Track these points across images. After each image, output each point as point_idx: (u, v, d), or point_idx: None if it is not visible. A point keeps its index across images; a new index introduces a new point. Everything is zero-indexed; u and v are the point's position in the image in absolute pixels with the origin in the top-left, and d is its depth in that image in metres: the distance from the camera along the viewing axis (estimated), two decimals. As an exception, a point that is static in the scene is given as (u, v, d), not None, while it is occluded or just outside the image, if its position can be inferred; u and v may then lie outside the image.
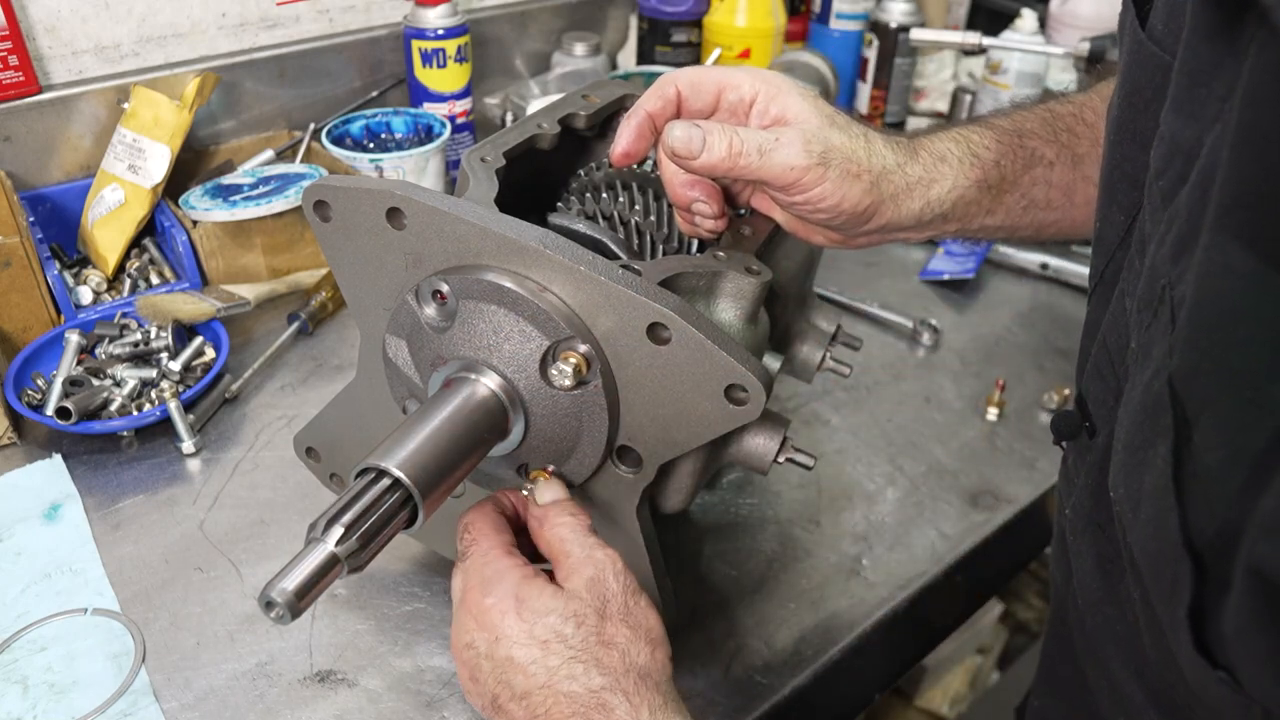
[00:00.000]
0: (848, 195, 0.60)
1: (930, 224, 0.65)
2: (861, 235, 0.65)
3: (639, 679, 0.51)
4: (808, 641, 0.74)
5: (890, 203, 0.62)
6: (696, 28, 1.48)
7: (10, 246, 0.91)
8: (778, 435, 0.64)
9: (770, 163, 0.59)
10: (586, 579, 0.54)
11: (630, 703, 0.50)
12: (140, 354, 0.94)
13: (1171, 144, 0.44)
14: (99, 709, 0.66)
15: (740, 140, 0.58)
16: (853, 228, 0.64)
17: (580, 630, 0.52)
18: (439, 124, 1.22)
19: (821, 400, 0.99)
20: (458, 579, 0.57)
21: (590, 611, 0.53)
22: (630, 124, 0.63)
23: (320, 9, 1.28)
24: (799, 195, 0.60)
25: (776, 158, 0.59)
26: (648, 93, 0.64)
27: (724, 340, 0.54)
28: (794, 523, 0.84)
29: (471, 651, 0.54)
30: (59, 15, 1.09)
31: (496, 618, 0.53)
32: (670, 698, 0.52)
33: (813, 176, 0.59)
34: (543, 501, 0.59)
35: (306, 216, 0.62)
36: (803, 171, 0.59)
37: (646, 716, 0.50)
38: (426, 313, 0.60)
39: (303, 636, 0.72)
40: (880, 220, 0.63)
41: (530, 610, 0.53)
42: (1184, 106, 0.43)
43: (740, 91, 0.63)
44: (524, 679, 0.51)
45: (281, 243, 1.08)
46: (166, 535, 0.80)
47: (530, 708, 0.51)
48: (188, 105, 1.06)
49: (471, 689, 0.55)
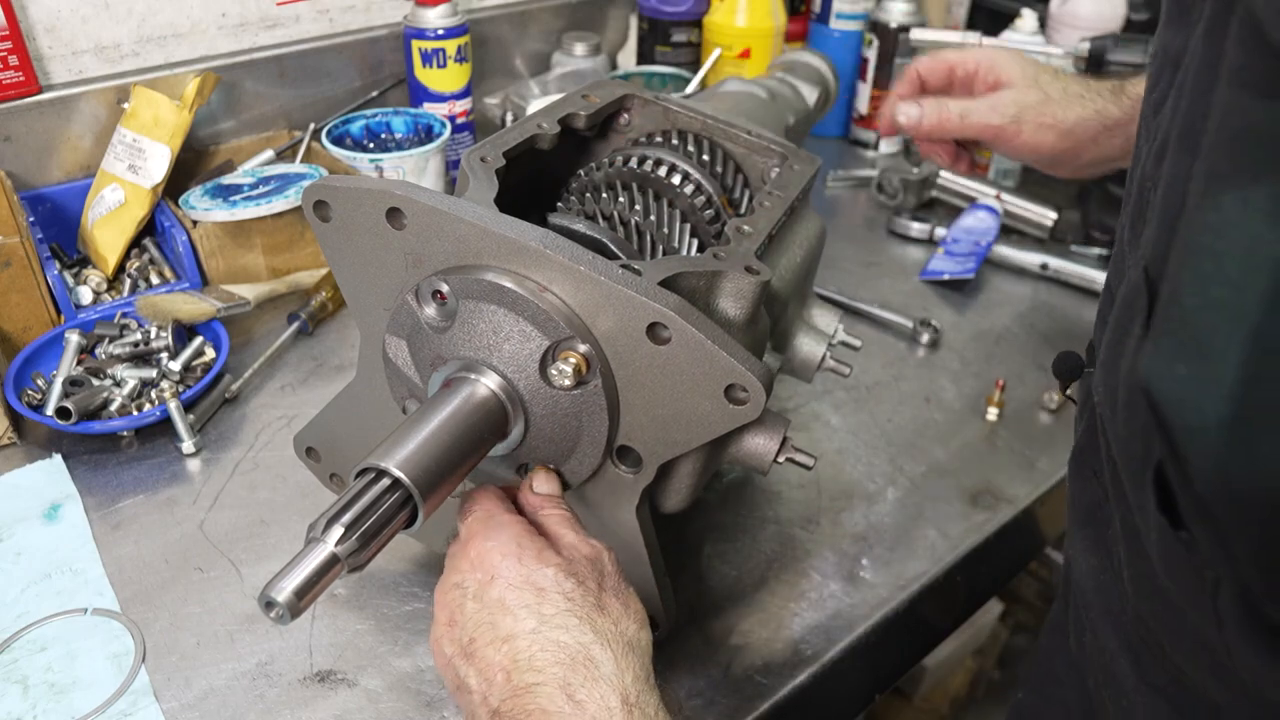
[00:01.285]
0: (1042, 144, 0.83)
1: None
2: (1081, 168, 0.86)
3: (628, 647, 0.52)
4: (808, 641, 0.74)
5: (1091, 144, 0.82)
6: (696, 28, 1.48)
7: (10, 246, 0.92)
8: (778, 435, 0.64)
9: (969, 123, 0.85)
10: (585, 555, 0.56)
11: (618, 665, 0.50)
12: (140, 354, 0.94)
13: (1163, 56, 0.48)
14: (99, 709, 0.66)
15: (948, 110, 0.86)
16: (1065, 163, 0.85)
17: (580, 589, 0.53)
18: (439, 124, 1.22)
19: (821, 400, 0.99)
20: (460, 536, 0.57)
21: (589, 577, 0.54)
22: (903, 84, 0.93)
23: (320, 9, 1.28)
24: (1004, 145, 0.85)
25: (973, 119, 0.85)
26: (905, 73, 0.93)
27: (724, 340, 0.54)
28: (794, 523, 0.84)
29: (459, 591, 0.54)
30: (59, 15, 1.09)
31: (497, 559, 0.53)
32: (650, 677, 0.52)
33: (1010, 131, 0.83)
34: (539, 492, 0.60)
35: (306, 216, 0.62)
36: (998, 130, 0.84)
37: (630, 681, 0.50)
38: (426, 313, 0.60)
39: (303, 636, 0.72)
40: (1088, 157, 0.83)
41: (532, 558, 0.53)
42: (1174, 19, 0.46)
43: (966, 67, 0.89)
44: (512, 622, 0.51)
45: (281, 243, 1.08)
46: (166, 535, 0.80)
47: (512, 652, 0.50)
48: (188, 105, 1.06)
49: (444, 635, 0.54)
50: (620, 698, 0.49)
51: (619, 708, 0.48)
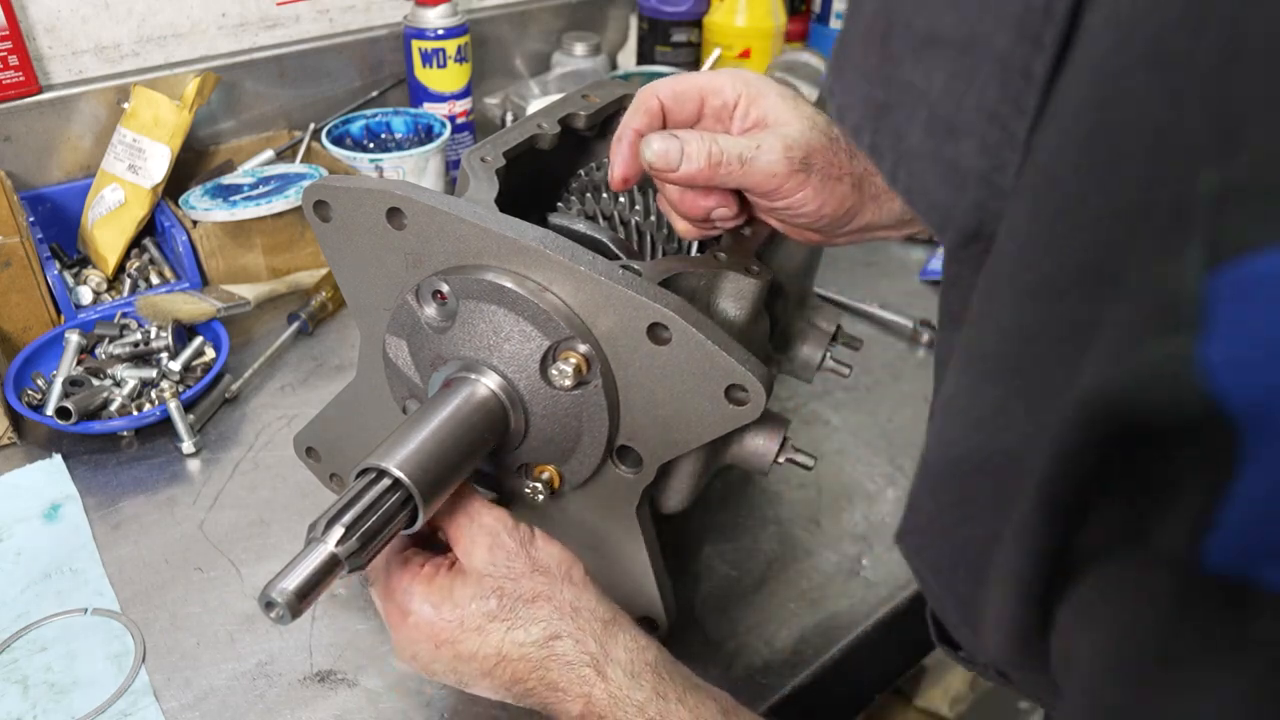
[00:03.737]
0: (829, 199, 0.59)
1: (910, 222, 0.65)
2: (842, 235, 0.64)
3: (573, 614, 0.55)
4: (808, 641, 0.74)
5: (872, 203, 0.61)
6: (696, 28, 1.48)
7: (10, 246, 0.91)
8: (778, 435, 0.64)
9: (752, 170, 0.58)
10: (485, 550, 0.56)
11: (575, 639, 0.54)
12: (140, 354, 0.94)
13: None
14: (99, 709, 0.66)
15: (720, 149, 0.57)
16: (834, 229, 0.62)
17: (503, 601, 0.55)
18: (439, 124, 1.22)
19: (821, 400, 0.98)
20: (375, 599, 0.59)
21: (503, 579, 0.55)
22: (621, 147, 0.62)
23: (320, 9, 1.28)
24: (781, 201, 0.59)
25: (758, 165, 0.57)
26: (630, 110, 0.63)
27: (724, 340, 0.54)
28: (794, 523, 0.84)
29: (418, 661, 0.57)
30: (59, 15, 1.09)
31: (425, 630, 0.55)
32: (607, 618, 0.55)
33: (795, 183, 0.58)
34: None
35: (306, 216, 0.62)
36: (785, 178, 0.58)
37: (593, 645, 0.53)
38: (426, 313, 0.60)
39: (303, 636, 0.72)
40: (862, 220, 0.62)
41: (450, 607, 0.55)
42: None
43: (723, 96, 0.62)
44: (478, 664, 0.55)
45: (281, 243, 1.08)
46: (166, 535, 0.80)
47: (498, 680, 0.55)
48: (188, 105, 1.06)
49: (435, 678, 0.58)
50: (592, 667, 0.53)
51: (593, 677, 0.53)
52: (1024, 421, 0.28)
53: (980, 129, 0.30)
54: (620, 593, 0.68)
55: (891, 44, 0.32)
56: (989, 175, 0.31)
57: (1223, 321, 0.22)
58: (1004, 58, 0.29)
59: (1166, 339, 0.23)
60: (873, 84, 0.34)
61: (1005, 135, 0.30)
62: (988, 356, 0.30)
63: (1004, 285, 0.30)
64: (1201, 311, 0.22)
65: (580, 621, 0.54)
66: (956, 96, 0.30)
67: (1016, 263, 0.29)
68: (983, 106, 0.30)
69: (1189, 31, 0.24)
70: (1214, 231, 0.22)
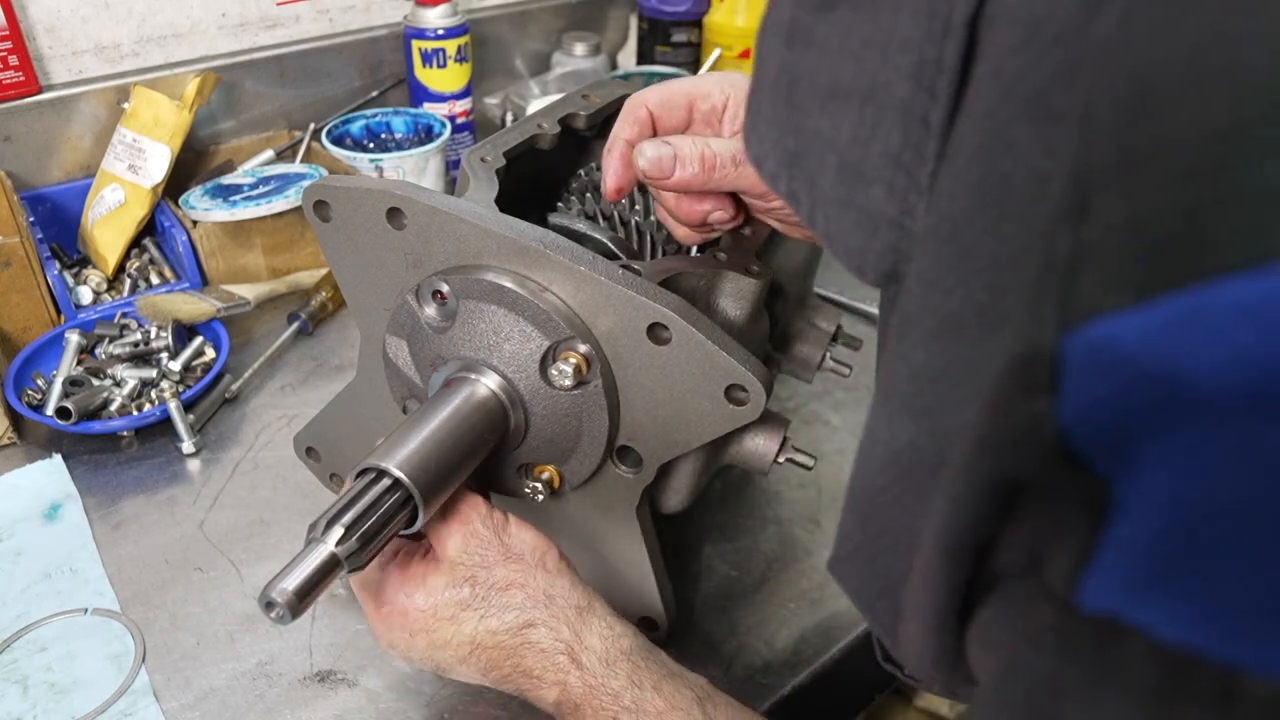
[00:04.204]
0: None
1: None
2: None
3: (547, 602, 0.55)
4: (808, 641, 0.74)
5: None
6: (696, 28, 1.48)
7: (10, 246, 0.91)
8: (778, 435, 0.64)
9: (747, 172, 0.57)
10: (460, 539, 0.56)
11: (549, 626, 0.54)
12: (140, 354, 0.94)
13: None
14: (99, 709, 0.66)
15: (713, 152, 0.57)
16: None
17: (476, 589, 0.55)
18: (439, 124, 1.22)
19: (821, 400, 0.98)
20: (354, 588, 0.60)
21: (476, 567, 0.56)
22: (612, 158, 0.62)
23: (320, 9, 1.28)
24: (776, 200, 0.59)
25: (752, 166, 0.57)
26: (619, 120, 0.62)
27: (724, 340, 0.54)
28: (794, 523, 0.84)
29: (396, 649, 0.58)
30: (59, 15, 1.09)
31: (400, 619, 0.56)
32: (582, 606, 0.56)
33: None
34: None
35: (306, 216, 0.62)
36: None
37: (568, 633, 0.54)
38: (426, 313, 0.60)
39: (303, 636, 0.72)
40: None
41: (424, 596, 0.55)
42: None
43: (711, 99, 0.61)
44: (454, 652, 0.55)
45: (281, 243, 1.08)
46: (166, 535, 0.80)
47: (475, 667, 0.56)
48: (188, 105, 1.06)
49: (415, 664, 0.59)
50: (567, 655, 0.54)
51: (568, 665, 0.54)
52: (931, 459, 0.29)
53: (887, 175, 0.31)
54: (620, 593, 0.68)
55: (797, 96, 0.33)
56: (898, 219, 0.32)
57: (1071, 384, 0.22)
58: (904, 106, 0.30)
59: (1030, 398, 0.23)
60: (784, 133, 0.34)
61: (910, 181, 0.31)
62: (900, 394, 0.31)
63: (911, 325, 0.30)
64: (1055, 373, 0.23)
65: (554, 609, 0.55)
66: (863, 143, 0.31)
67: (921, 303, 0.30)
68: (888, 152, 0.31)
69: (1061, 88, 0.24)
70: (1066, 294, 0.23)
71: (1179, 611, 0.22)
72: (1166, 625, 0.22)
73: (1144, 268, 0.22)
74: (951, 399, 0.28)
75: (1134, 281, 0.22)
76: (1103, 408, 0.22)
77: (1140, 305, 0.21)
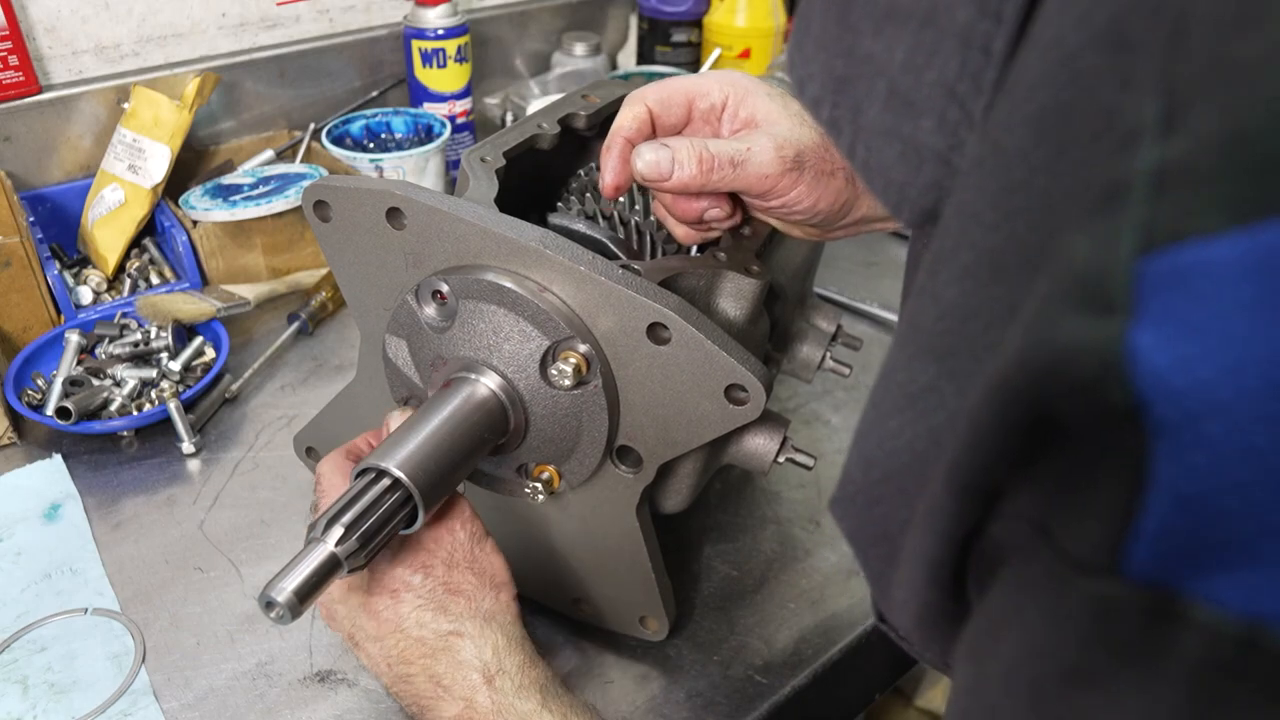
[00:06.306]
0: (824, 195, 0.59)
1: None
2: (839, 228, 0.63)
3: (484, 621, 0.55)
4: (808, 641, 0.74)
5: (867, 196, 0.61)
6: (696, 28, 1.48)
7: (10, 246, 0.91)
8: (778, 435, 0.64)
9: (745, 172, 0.57)
10: (435, 531, 0.57)
11: (475, 644, 0.54)
12: (140, 354, 0.94)
13: None
14: (99, 709, 0.66)
15: (711, 154, 0.57)
16: (831, 223, 0.62)
17: (428, 580, 0.55)
18: (439, 124, 1.22)
19: (821, 400, 0.98)
20: None
21: (437, 562, 0.56)
22: (612, 155, 0.61)
23: (320, 9, 1.28)
24: (775, 200, 0.59)
25: (750, 167, 0.57)
26: (618, 118, 0.62)
27: (724, 340, 0.54)
28: (794, 523, 0.84)
29: (324, 606, 0.58)
30: (59, 15, 1.09)
31: None
32: (514, 637, 0.56)
33: (788, 181, 0.58)
34: None
35: (306, 216, 0.62)
36: (778, 178, 0.58)
37: (490, 655, 0.54)
38: (426, 313, 0.60)
39: (303, 636, 0.72)
40: (858, 213, 0.61)
41: (379, 563, 0.56)
42: None
43: (710, 98, 0.61)
44: (376, 624, 0.55)
45: (281, 243, 1.08)
46: (166, 535, 0.80)
47: (385, 650, 0.55)
48: (188, 105, 1.06)
49: (331, 625, 0.59)
50: (481, 674, 0.53)
51: (481, 683, 0.53)
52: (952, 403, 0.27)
53: (939, 105, 0.30)
54: (620, 593, 0.68)
55: (852, 15, 0.32)
56: (946, 154, 0.30)
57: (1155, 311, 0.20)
58: (964, 32, 0.28)
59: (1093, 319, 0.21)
60: (832, 56, 0.33)
61: (963, 114, 0.29)
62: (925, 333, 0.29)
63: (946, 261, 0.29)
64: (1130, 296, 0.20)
65: (488, 630, 0.55)
66: (916, 70, 0.30)
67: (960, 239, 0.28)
68: (942, 82, 0.29)
69: (1144, 16, 0.23)
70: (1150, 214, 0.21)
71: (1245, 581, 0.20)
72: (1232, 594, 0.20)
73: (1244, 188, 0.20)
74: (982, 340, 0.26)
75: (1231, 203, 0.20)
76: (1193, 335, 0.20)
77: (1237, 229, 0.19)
